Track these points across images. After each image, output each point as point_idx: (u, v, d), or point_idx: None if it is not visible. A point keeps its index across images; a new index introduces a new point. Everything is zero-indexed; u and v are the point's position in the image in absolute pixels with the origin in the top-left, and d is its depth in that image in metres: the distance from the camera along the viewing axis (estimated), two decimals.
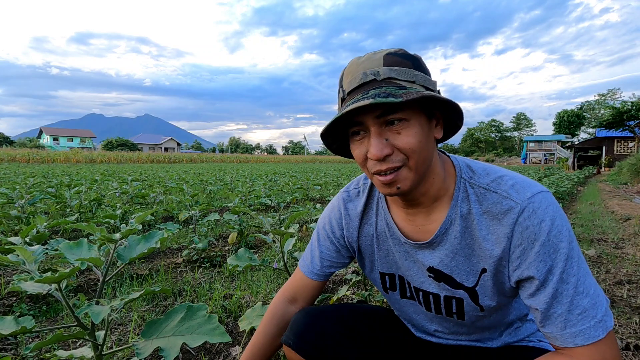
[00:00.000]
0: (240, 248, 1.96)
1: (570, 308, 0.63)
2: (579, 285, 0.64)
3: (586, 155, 34.45)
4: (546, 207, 0.66)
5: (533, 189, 0.69)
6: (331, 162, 63.80)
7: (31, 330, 0.90)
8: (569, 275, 0.64)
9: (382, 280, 0.92)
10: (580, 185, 11.75)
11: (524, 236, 0.67)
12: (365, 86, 0.66)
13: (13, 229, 3.49)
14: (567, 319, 0.63)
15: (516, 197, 0.68)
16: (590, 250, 3.14)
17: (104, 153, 42.08)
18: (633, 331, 1.70)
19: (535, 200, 0.67)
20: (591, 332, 0.62)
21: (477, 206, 0.72)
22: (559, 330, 0.65)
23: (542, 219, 0.66)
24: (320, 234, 0.96)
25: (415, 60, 0.68)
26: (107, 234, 1.08)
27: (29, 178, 8.35)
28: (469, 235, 0.74)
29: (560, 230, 0.65)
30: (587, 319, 0.62)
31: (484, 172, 0.75)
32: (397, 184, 0.68)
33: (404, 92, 0.62)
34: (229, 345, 1.54)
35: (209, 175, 12.10)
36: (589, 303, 0.63)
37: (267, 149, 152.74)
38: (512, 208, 0.68)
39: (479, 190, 0.73)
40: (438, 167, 0.75)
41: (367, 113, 0.66)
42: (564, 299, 0.64)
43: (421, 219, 0.79)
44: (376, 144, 0.66)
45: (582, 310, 0.63)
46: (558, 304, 0.64)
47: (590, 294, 0.64)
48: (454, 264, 0.77)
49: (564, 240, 0.65)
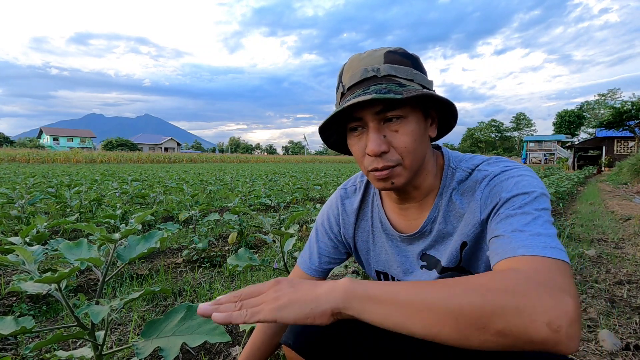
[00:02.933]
0: (240, 248, 1.96)
1: (523, 229, 0.58)
2: (539, 220, 0.58)
3: (586, 155, 34.43)
4: (518, 170, 0.67)
5: (511, 163, 0.71)
6: (331, 162, 63.80)
7: (31, 330, 0.90)
8: (531, 209, 0.60)
9: (377, 279, 0.93)
10: (580, 185, 11.75)
11: (494, 191, 0.67)
12: (366, 82, 0.67)
13: (13, 229, 3.49)
14: (515, 237, 0.57)
15: (490, 169, 0.71)
16: (590, 250, 3.14)
17: (104, 153, 42.08)
18: (633, 331, 1.70)
19: (508, 167, 0.69)
20: (537, 250, 0.54)
21: (458, 187, 0.75)
22: (504, 245, 0.58)
23: (511, 175, 0.67)
24: (319, 230, 0.97)
25: (415, 60, 0.69)
26: (107, 234, 1.08)
27: (29, 178, 8.35)
28: (452, 215, 0.76)
29: (531, 182, 0.64)
30: (538, 241, 0.55)
31: (470, 159, 0.77)
32: (392, 179, 0.70)
33: (403, 89, 0.63)
34: (229, 345, 1.54)
35: (209, 175, 12.10)
36: (546, 233, 0.57)
37: (267, 149, 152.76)
38: (485, 176, 0.70)
39: (463, 173, 0.75)
40: (430, 164, 0.77)
41: (366, 109, 0.66)
42: (519, 221, 0.59)
43: (413, 212, 0.81)
44: (374, 139, 0.67)
45: (535, 234, 0.56)
46: (510, 225, 0.59)
47: (549, 233, 0.57)
48: (442, 247, 0.78)
49: (535, 189, 0.63)
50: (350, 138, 0.72)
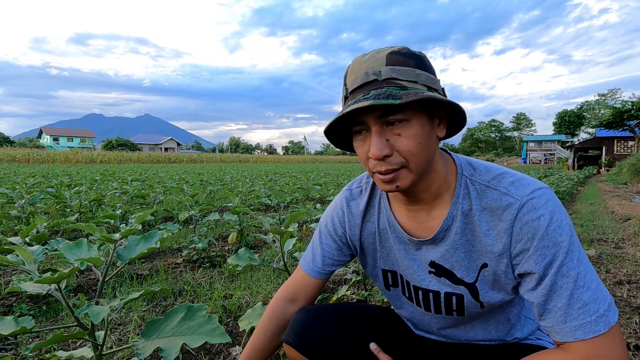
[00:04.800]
0: (241, 248, 1.96)
1: (570, 302, 0.63)
2: (580, 279, 0.63)
3: (586, 155, 34.41)
4: (545, 202, 0.67)
5: (533, 186, 0.69)
6: (331, 162, 63.79)
7: (31, 331, 0.89)
8: (569, 269, 0.63)
9: (384, 277, 0.92)
10: (580, 185, 11.75)
11: (523, 231, 0.67)
12: (367, 86, 0.66)
13: (13, 229, 3.49)
14: (567, 313, 0.63)
15: (515, 193, 0.69)
16: (590, 250, 3.14)
17: (104, 153, 42.07)
18: (633, 331, 1.70)
19: (534, 196, 0.67)
20: (592, 326, 0.61)
21: (478, 202, 0.73)
22: (559, 324, 0.64)
23: (541, 214, 0.66)
24: (322, 232, 0.97)
25: (419, 59, 0.68)
26: (107, 234, 1.08)
27: (29, 178, 8.35)
28: (469, 231, 0.74)
29: (560, 224, 0.65)
30: (588, 313, 0.62)
31: (485, 170, 0.76)
32: (397, 182, 0.69)
33: (404, 92, 0.62)
34: (229, 346, 1.54)
35: (209, 175, 12.10)
36: (590, 297, 0.62)
37: (267, 149, 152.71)
38: (511, 204, 0.69)
39: (480, 187, 0.74)
40: (440, 165, 0.76)
41: (368, 113, 0.66)
42: (563, 292, 0.63)
43: (423, 215, 0.79)
44: (376, 143, 0.66)
45: (582, 304, 0.62)
46: (558, 297, 0.64)
47: (591, 289, 0.63)
48: (454, 259, 0.77)
49: (563, 235, 0.64)
50: (356, 141, 0.72)
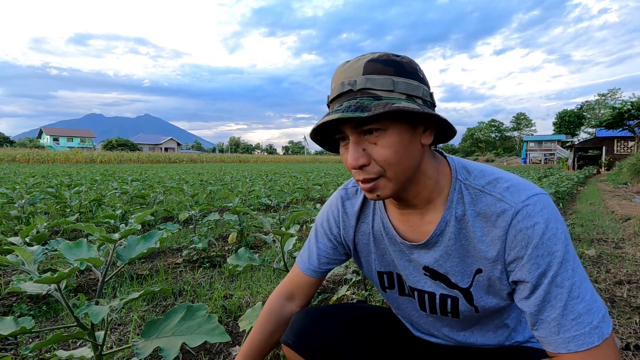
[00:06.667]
0: (241, 248, 1.96)
1: (563, 313, 0.62)
2: (574, 290, 0.62)
3: (586, 155, 34.40)
4: (541, 209, 0.65)
5: (528, 192, 0.68)
6: (331, 162, 63.79)
7: (31, 331, 0.89)
8: (563, 279, 0.62)
9: (380, 279, 0.92)
10: (580, 185, 11.75)
11: (517, 239, 0.66)
12: (343, 96, 0.66)
13: (13, 229, 3.49)
14: (561, 324, 0.62)
15: (510, 199, 0.68)
16: (590, 250, 3.14)
17: (104, 153, 42.07)
18: (633, 331, 1.70)
19: (529, 203, 0.66)
20: (585, 338, 0.60)
21: (472, 208, 0.72)
22: (553, 335, 0.63)
23: (535, 222, 0.65)
24: (318, 231, 0.97)
25: (399, 66, 0.65)
26: (107, 234, 1.07)
27: (29, 178, 8.34)
28: (463, 236, 0.74)
29: (555, 232, 0.64)
30: (582, 325, 0.61)
31: (480, 174, 0.74)
32: (377, 191, 0.69)
33: (375, 103, 0.61)
34: (229, 345, 1.54)
35: (209, 175, 12.10)
36: (584, 308, 0.61)
37: (267, 149, 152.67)
38: (505, 210, 0.67)
39: (474, 191, 0.72)
40: (430, 170, 0.74)
41: (344, 123, 0.66)
42: (557, 302, 0.62)
43: (416, 219, 0.79)
44: (352, 152, 0.66)
45: (576, 316, 0.61)
46: (551, 308, 0.63)
47: (586, 299, 0.62)
48: (448, 265, 0.77)
49: (558, 244, 0.63)
50: (341, 148, 0.73)
